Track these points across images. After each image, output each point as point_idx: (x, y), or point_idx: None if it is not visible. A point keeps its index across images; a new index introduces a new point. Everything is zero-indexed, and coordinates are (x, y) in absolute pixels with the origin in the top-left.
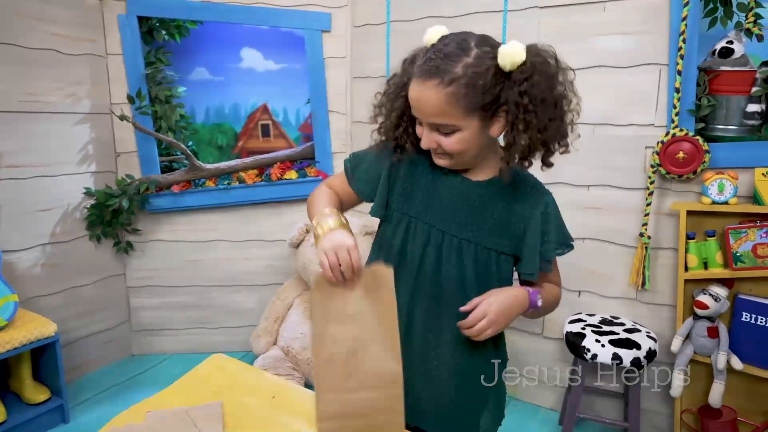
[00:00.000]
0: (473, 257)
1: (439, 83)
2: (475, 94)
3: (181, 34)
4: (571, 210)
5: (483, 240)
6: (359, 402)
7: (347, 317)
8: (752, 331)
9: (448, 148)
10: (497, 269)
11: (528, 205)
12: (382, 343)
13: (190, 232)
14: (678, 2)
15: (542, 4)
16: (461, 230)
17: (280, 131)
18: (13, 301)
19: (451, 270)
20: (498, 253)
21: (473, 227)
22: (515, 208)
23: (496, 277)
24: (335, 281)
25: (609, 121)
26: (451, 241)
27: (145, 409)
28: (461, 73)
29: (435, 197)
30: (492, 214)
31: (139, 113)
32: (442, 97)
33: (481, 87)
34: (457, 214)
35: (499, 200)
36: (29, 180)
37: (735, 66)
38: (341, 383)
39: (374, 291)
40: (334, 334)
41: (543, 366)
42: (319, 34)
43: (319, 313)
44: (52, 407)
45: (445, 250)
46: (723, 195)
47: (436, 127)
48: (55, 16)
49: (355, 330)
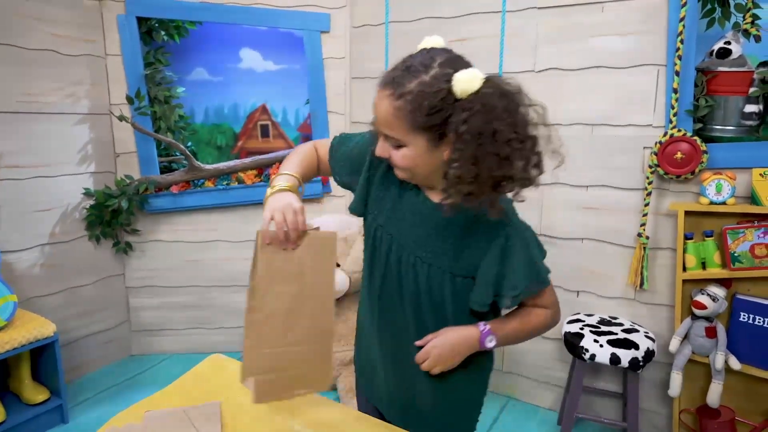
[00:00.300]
0: (426, 276)
1: (391, 94)
2: (419, 113)
3: (181, 35)
4: (569, 210)
5: (437, 261)
6: (292, 355)
7: (289, 276)
8: (750, 331)
9: (395, 162)
10: (452, 291)
11: (486, 237)
12: (319, 302)
13: (190, 233)
14: (676, 3)
15: (541, 5)
16: (416, 248)
17: (279, 131)
18: (13, 301)
19: (409, 284)
20: (453, 275)
21: (427, 248)
22: (472, 238)
23: (450, 299)
24: (279, 240)
25: (607, 121)
26: (408, 258)
27: (144, 408)
28: (412, 89)
29: (399, 211)
30: (447, 239)
31: (139, 114)
32: (390, 109)
33: (426, 107)
34: (414, 232)
35: (457, 226)
36: (29, 180)
37: (733, 66)
38: (279, 339)
39: (316, 254)
40: (276, 291)
41: (541, 366)
42: (318, 35)
43: (262, 270)
44: (52, 407)
45: (403, 265)
46: (721, 195)
47: (387, 137)
48: (54, 16)
49: (295, 288)
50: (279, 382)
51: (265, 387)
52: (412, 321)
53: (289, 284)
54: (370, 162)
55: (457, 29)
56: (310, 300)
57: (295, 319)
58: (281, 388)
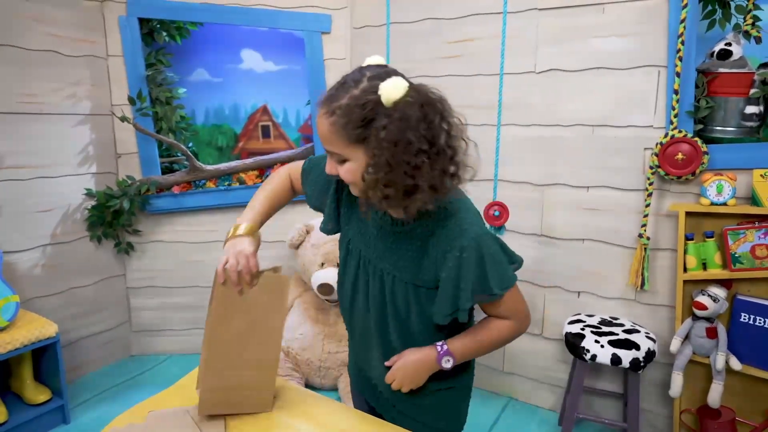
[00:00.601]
0: (391, 288)
1: (326, 112)
2: (351, 126)
3: (182, 36)
4: (570, 211)
5: (399, 274)
6: (238, 378)
7: (240, 311)
8: (751, 331)
9: (342, 177)
10: (416, 302)
11: (442, 249)
12: (266, 336)
13: (191, 233)
14: (676, 4)
15: (541, 6)
16: (380, 261)
17: (280, 132)
18: (15, 301)
19: (375, 296)
20: (416, 286)
21: (390, 260)
22: (430, 250)
23: (415, 310)
24: (232, 280)
25: (608, 122)
26: (375, 270)
27: (147, 409)
28: (342, 104)
29: (364, 225)
30: (406, 252)
31: (140, 114)
32: (327, 125)
33: (357, 120)
34: (377, 245)
35: (416, 239)
36: (30, 181)
37: (733, 68)
38: (227, 363)
39: (269, 293)
40: (227, 323)
41: (542, 366)
42: (319, 36)
43: (216, 304)
44: (53, 408)
45: (370, 276)
46: (721, 196)
47: (331, 154)
48: (55, 17)
49: (244, 323)
50: (222, 400)
51: (210, 402)
52: (376, 332)
53: (239, 318)
54: (337, 182)
55: (458, 30)
56: (259, 334)
57: (243, 349)
58: (224, 405)
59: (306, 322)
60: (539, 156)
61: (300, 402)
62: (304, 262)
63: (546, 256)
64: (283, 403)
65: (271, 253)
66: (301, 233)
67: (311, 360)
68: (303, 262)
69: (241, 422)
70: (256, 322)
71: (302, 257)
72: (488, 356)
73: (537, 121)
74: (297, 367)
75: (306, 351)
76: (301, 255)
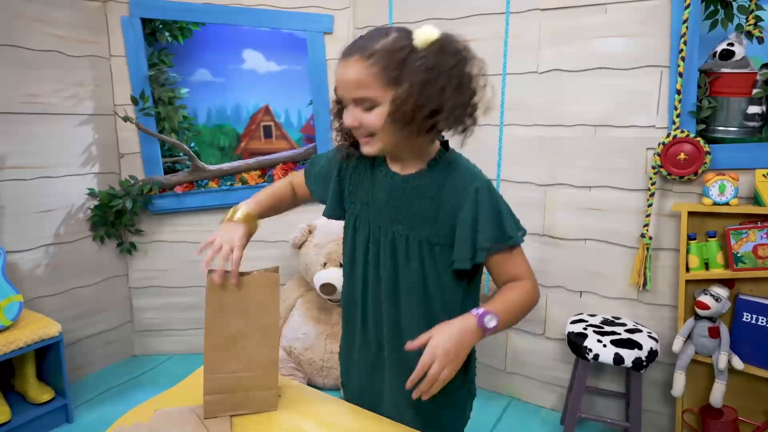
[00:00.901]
0: (405, 249)
1: (360, 58)
2: (390, 68)
3: (184, 36)
4: (572, 211)
5: (413, 232)
6: (239, 380)
7: (235, 311)
8: (753, 331)
9: (369, 125)
10: (433, 261)
11: (457, 195)
12: (263, 334)
13: (193, 233)
14: (679, 4)
15: (544, 6)
16: (392, 224)
17: (282, 132)
18: (18, 301)
19: (387, 263)
20: (431, 244)
21: (402, 220)
22: (444, 199)
23: (431, 273)
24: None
25: (610, 122)
26: (386, 236)
27: (153, 407)
28: (379, 48)
29: (372, 194)
30: (420, 206)
31: (143, 114)
32: (362, 70)
33: (395, 61)
34: (387, 208)
35: (427, 191)
36: (33, 181)
37: (736, 68)
38: (226, 365)
39: (261, 291)
40: (223, 324)
41: (544, 366)
42: (321, 36)
43: (211, 307)
44: (56, 407)
45: (381, 245)
46: (724, 196)
47: (358, 102)
48: (57, 17)
49: (241, 323)
50: (226, 402)
51: (214, 405)
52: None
53: (234, 319)
54: (339, 166)
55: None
56: (255, 333)
57: (241, 349)
58: (228, 407)
59: (308, 322)
60: (541, 156)
61: (305, 401)
62: (306, 262)
63: (548, 256)
64: (288, 401)
65: (273, 253)
66: (303, 233)
67: (314, 360)
68: (305, 262)
69: (247, 421)
70: (250, 322)
71: (305, 257)
72: (490, 356)
73: (539, 121)
74: (299, 366)
75: (308, 351)
76: (304, 255)
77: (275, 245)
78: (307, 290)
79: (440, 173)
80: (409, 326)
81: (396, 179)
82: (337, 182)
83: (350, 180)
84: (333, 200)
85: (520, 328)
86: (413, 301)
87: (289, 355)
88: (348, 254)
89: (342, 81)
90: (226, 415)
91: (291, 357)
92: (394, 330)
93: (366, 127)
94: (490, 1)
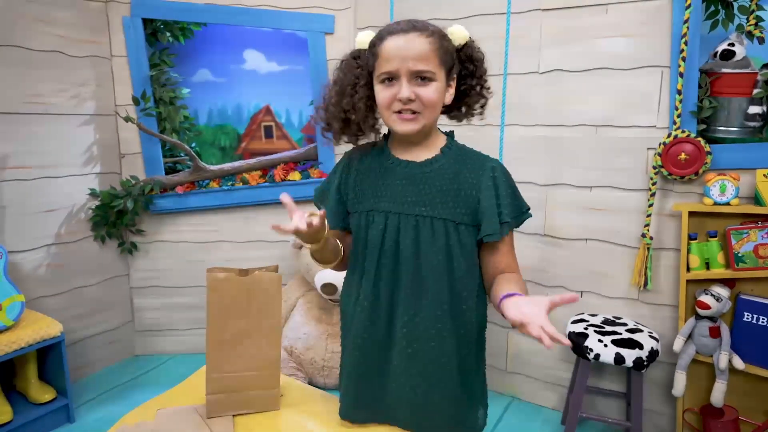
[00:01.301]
0: (430, 230)
1: (420, 34)
2: (445, 52)
3: (185, 36)
4: (573, 211)
5: (437, 212)
6: (242, 379)
7: (238, 312)
8: (754, 331)
9: (425, 98)
10: (457, 240)
11: (475, 173)
12: (265, 334)
13: (194, 233)
14: (679, 5)
15: (545, 7)
16: (415, 207)
17: (283, 132)
18: (20, 301)
19: (408, 248)
20: (455, 223)
21: (424, 203)
22: (462, 178)
23: (457, 249)
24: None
25: (611, 122)
26: (407, 220)
27: (156, 406)
28: (435, 30)
29: (384, 186)
30: (441, 187)
31: (144, 114)
32: (425, 44)
33: (446, 47)
34: (406, 194)
35: (445, 173)
36: (34, 181)
37: (736, 68)
38: (228, 365)
39: (262, 292)
40: (226, 324)
41: (545, 366)
42: (322, 36)
43: (214, 307)
44: (58, 407)
45: (402, 230)
46: (724, 196)
47: (417, 74)
48: (59, 18)
49: (243, 323)
50: (229, 401)
51: (217, 405)
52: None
53: (237, 319)
54: (339, 178)
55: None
56: (257, 333)
57: (243, 349)
58: (231, 406)
59: (309, 321)
60: (543, 156)
61: (307, 400)
62: (307, 263)
63: (549, 256)
64: (290, 400)
65: (274, 253)
66: None
67: (315, 359)
68: (307, 261)
69: (249, 419)
70: (252, 323)
71: (306, 257)
72: (491, 356)
73: (540, 121)
74: (300, 366)
75: (309, 350)
76: (305, 255)
77: (276, 245)
78: (308, 290)
79: (454, 158)
80: (430, 313)
81: (412, 166)
82: (338, 191)
83: (354, 185)
84: (337, 210)
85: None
86: (437, 286)
87: (290, 355)
88: (361, 251)
89: (401, 53)
90: (229, 415)
91: (292, 357)
92: (410, 322)
93: (422, 99)
94: (491, 2)
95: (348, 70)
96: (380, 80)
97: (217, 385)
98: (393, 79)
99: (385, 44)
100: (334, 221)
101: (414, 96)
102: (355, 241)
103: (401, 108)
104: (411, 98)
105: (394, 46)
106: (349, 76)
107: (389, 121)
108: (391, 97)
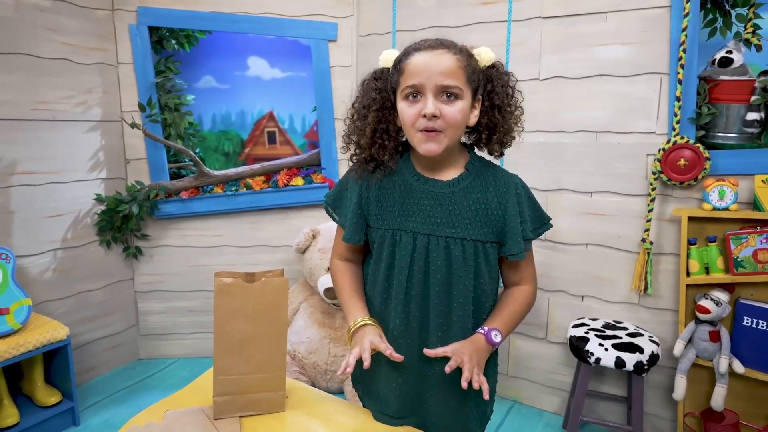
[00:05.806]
0: (461, 252)
1: (448, 51)
2: (470, 70)
3: (190, 44)
4: (573, 216)
5: (467, 233)
6: (249, 382)
7: (245, 316)
8: (753, 335)
9: (450, 116)
10: (485, 258)
11: (500, 191)
12: (271, 338)
13: (198, 238)
14: (678, 13)
15: (545, 15)
16: (444, 229)
17: (286, 138)
18: (27, 305)
19: (440, 269)
20: (483, 243)
21: (454, 224)
22: (489, 197)
23: (485, 267)
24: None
25: (611, 128)
26: (438, 242)
27: (164, 408)
28: (463, 48)
29: (411, 205)
30: (469, 207)
31: (149, 121)
32: (452, 60)
33: (472, 67)
34: (435, 215)
35: (472, 193)
36: (41, 186)
37: (734, 75)
38: (235, 368)
39: (270, 297)
40: (232, 329)
41: (546, 370)
42: (326, 44)
43: (221, 313)
44: (63, 410)
45: (432, 252)
46: (723, 201)
47: (443, 90)
48: (67, 26)
49: (250, 327)
50: (235, 403)
51: (224, 406)
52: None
53: (243, 323)
54: (359, 192)
55: (463, 38)
56: (264, 336)
57: (250, 353)
58: (237, 408)
59: (312, 325)
60: (543, 162)
61: (312, 402)
62: (310, 267)
63: (550, 260)
64: (296, 402)
65: (278, 257)
66: (307, 238)
67: (317, 363)
68: (309, 266)
69: (255, 420)
70: (259, 327)
71: (309, 261)
72: None
73: (541, 127)
74: (303, 370)
75: (312, 354)
76: (308, 259)
77: (279, 250)
78: (310, 294)
79: (480, 175)
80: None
81: (440, 185)
82: (358, 205)
83: (377, 201)
84: (357, 224)
85: (523, 332)
86: (465, 302)
87: (293, 358)
88: (384, 270)
89: (429, 67)
90: (235, 416)
91: (295, 360)
92: (444, 338)
93: (446, 117)
94: (492, 10)
95: (365, 93)
96: (404, 95)
97: (224, 387)
98: (417, 95)
99: (411, 59)
100: (355, 236)
101: (439, 113)
102: (377, 257)
103: (425, 126)
104: (435, 114)
105: (421, 61)
106: (365, 98)
107: (414, 141)
108: (416, 114)
